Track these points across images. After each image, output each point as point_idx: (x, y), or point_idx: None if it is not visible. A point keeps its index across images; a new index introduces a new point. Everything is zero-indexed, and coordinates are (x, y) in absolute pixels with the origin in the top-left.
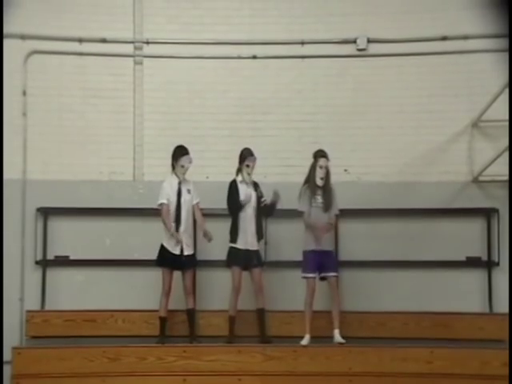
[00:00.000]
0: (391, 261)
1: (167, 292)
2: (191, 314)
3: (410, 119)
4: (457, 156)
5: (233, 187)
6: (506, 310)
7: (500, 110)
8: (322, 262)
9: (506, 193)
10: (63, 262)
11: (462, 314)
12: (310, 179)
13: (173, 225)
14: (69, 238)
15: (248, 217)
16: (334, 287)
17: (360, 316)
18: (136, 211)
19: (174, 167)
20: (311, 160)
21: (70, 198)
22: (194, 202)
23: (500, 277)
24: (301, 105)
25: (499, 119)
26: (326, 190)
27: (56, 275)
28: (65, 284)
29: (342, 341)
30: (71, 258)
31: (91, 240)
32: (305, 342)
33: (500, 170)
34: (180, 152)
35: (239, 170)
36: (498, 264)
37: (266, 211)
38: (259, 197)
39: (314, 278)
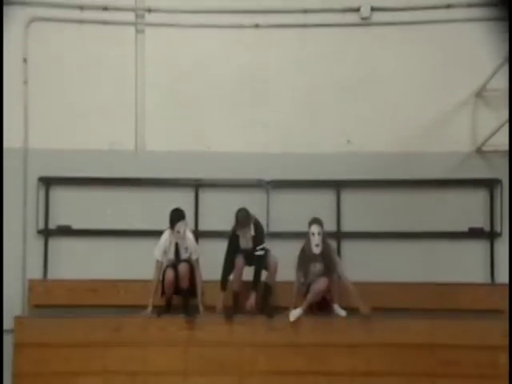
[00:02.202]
0: (393, 232)
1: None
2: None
3: (412, 89)
4: (460, 126)
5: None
6: (507, 280)
7: (504, 80)
8: None
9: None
10: (65, 231)
11: (463, 285)
12: (305, 247)
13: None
14: (70, 207)
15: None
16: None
17: (362, 287)
18: (137, 181)
19: (171, 228)
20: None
21: (71, 167)
22: (194, 258)
23: (502, 247)
24: (303, 74)
25: (503, 88)
26: (325, 255)
27: (58, 245)
28: (67, 254)
29: (343, 313)
30: (73, 227)
31: (93, 210)
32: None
33: (503, 139)
34: (176, 216)
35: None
36: (500, 235)
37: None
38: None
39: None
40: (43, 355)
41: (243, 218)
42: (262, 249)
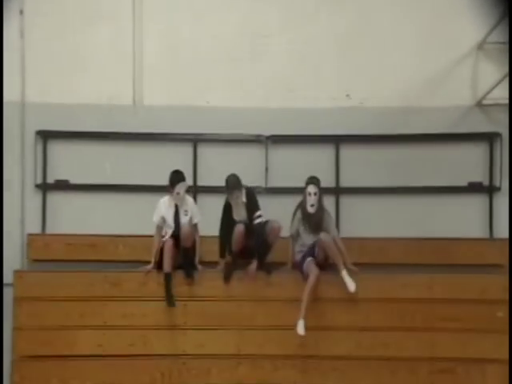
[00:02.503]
0: (392, 187)
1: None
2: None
3: (413, 43)
4: (460, 80)
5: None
6: (507, 235)
7: (505, 33)
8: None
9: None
10: (63, 186)
11: (462, 240)
12: (301, 205)
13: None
14: (68, 162)
15: None
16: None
17: (360, 242)
18: (136, 136)
19: (170, 190)
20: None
21: (69, 121)
22: (194, 222)
23: (501, 202)
24: (303, 28)
25: (504, 42)
26: (318, 216)
27: (56, 199)
28: (65, 208)
29: (353, 288)
30: (71, 182)
31: (91, 164)
32: (301, 330)
33: (504, 93)
34: (176, 178)
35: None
36: (499, 189)
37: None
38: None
39: (313, 260)
40: (42, 309)
41: (233, 181)
42: (259, 216)
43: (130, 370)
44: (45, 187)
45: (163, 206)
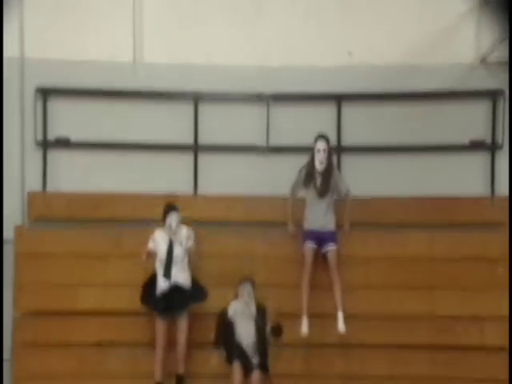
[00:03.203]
0: (393, 146)
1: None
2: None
3: None
4: (463, 37)
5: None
6: (508, 193)
7: None
8: (321, 238)
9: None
10: (64, 143)
11: (463, 199)
12: (309, 163)
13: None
14: (69, 119)
15: None
16: (333, 259)
17: (361, 202)
18: (136, 94)
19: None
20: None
21: (69, 78)
22: (189, 244)
23: (503, 160)
24: None
25: None
26: (327, 174)
27: (57, 157)
28: (66, 166)
29: (343, 331)
30: (71, 140)
31: (91, 122)
32: (304, 328)
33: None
34: (167, 209)
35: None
36: (501, 147)
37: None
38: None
39: (313, 248)
40: (44, 266)
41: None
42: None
43: (131, 328)
44: (45, 145)
45: (157, 237)
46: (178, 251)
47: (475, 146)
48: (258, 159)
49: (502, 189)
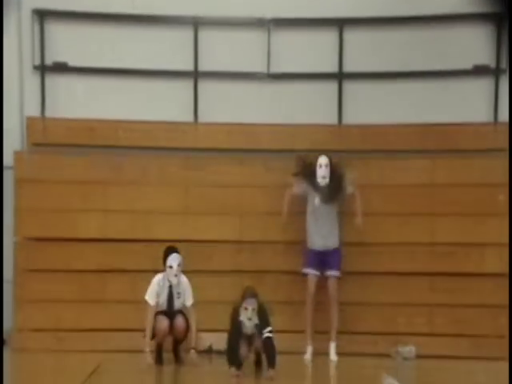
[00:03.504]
0: (396, 71)
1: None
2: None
3: None
4: None
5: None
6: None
7: None
8: (324, 258)
9: None
10: (62, 68)
11: (465, 125)
12: (311, 172)
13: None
14: (67, 44)
15: None
16: (334, 289)
17: (362, 129)
18: (136, 18)
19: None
20: None
21: (67, 1)
22: (188, 305)
23: (507, 85)
24: None
25: None
26: (332, 186)
27: (55, 82)
28: (64, 92)
29: (335, 359)
30: (70, 64)
31: (90, 47)
32: (308, 355)
33: None
34: (168, 251)
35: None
36: (505, 71)
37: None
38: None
39: (315, 276)
40: (44, 192)
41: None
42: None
43: (131, 255)
44: (43, 69)
45: (157, 285)
46: (176, 303)
47: (479, 70)
48: (259, 86)
49: (507, 114)
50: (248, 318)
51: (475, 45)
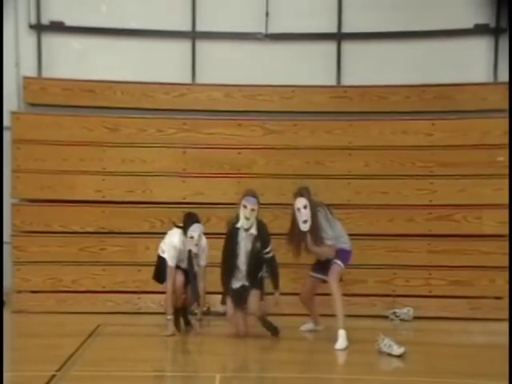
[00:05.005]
0: (395, 31)
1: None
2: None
3: None
4: None
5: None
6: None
7: None
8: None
9: None
10: (59, 27)
11: (465, 85)
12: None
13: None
14: (63, 2)
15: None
16: (332, 273)
17: (361, 90)
18: None
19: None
20: None
21: None
22: (202, 264)
23: (507, 45)
24: None
25: None
26: (314, 228)
27: (51, 42)
28: (61, 52)
29: (341, 346)
30: (67, 24)
31: (87, 7)
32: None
33: None
34: (189, 220)
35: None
36: (506, 30)
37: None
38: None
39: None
40: (41, 153)
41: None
42: (270, 251)
43: (129, 217)
44: (39, 28)
45: (178, 250)
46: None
47: (479, 29)
48: (258, 47)
49: (506, 74)
50: (246, 218)
51: (475, 3)
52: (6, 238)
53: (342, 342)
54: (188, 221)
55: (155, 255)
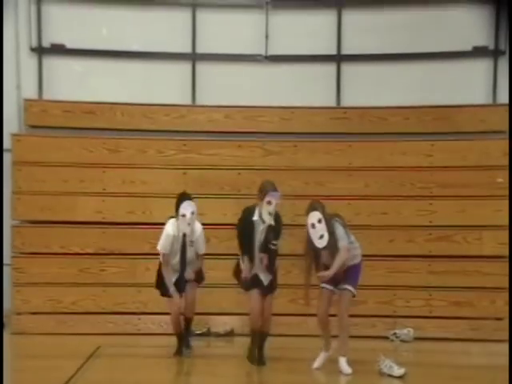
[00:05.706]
0: (395, 53)
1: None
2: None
3: None
4: None
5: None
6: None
7: None
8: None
9: None
10: (60, 50)
11: (464, 107)
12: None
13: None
14: (64, 25)
15: None
16: (344, 302)
17: (361, 111)
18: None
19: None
20: None
21: None
22: (200, 253)
23: (507, 66)
24: None
25: None
26: (331, 244)
27: (52, 64)
28: (62, 74)
29: (348, 371)
30: (68, 46)
31: (87, 29)
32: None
33: None
34: (181, 198)
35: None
36: (504, 53)
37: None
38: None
39: (329, 290)
40: (41, 174)
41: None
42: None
43: (129, 238)
44: (40, 51)
45: (172, 236)
46: (189, 253)
47: (478, 52)
48: (257, 68)
49: (506, 96)
50: (270, 213)
51: (474, 25)
52: (6, 259)
53: (346, 367)
54: (179, 198)
55: (155, 276)
